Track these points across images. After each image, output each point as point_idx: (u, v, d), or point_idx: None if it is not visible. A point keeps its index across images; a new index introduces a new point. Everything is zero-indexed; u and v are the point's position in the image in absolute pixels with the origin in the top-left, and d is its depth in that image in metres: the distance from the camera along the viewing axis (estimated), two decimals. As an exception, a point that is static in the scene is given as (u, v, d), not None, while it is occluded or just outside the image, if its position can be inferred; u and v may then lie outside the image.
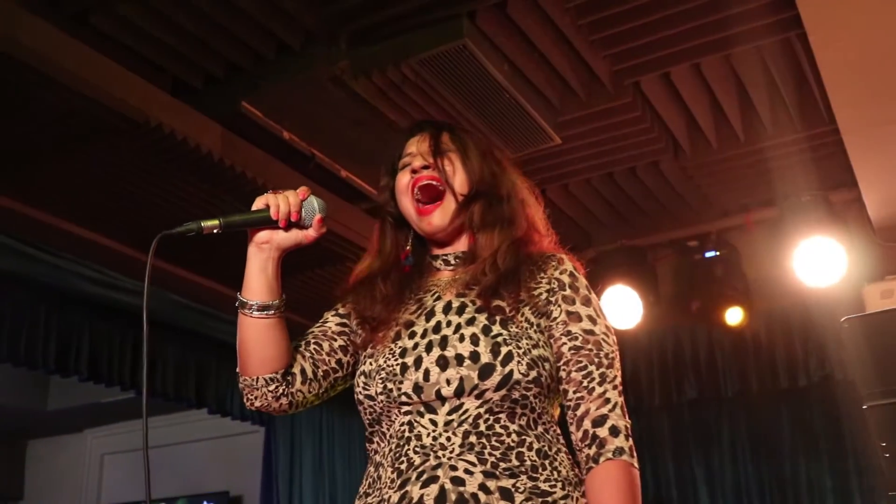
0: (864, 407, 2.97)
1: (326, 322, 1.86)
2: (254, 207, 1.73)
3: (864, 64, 3.23)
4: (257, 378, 1.74)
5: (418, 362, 1.66)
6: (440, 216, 1.79)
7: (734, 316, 5.27)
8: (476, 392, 1.61)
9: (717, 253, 5.27)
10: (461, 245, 1.85)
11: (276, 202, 1.71)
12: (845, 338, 3.07)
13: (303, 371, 1.78)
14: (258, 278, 1.73)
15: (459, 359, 1.63)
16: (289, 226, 1.73)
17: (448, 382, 1.62)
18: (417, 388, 1.64)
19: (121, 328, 5.29)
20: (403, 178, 1.84)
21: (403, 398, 1.64)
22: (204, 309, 5.01)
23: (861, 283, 4.70)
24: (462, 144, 1.85)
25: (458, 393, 1.61)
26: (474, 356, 1.63)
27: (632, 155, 4.50)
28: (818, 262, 4.72)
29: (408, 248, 1.87)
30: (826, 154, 4.44)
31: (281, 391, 1.75)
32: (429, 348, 1.67)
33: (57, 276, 4.55)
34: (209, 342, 5.46)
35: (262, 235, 1.73)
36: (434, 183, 1.80)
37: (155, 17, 3.29)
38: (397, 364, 1.67)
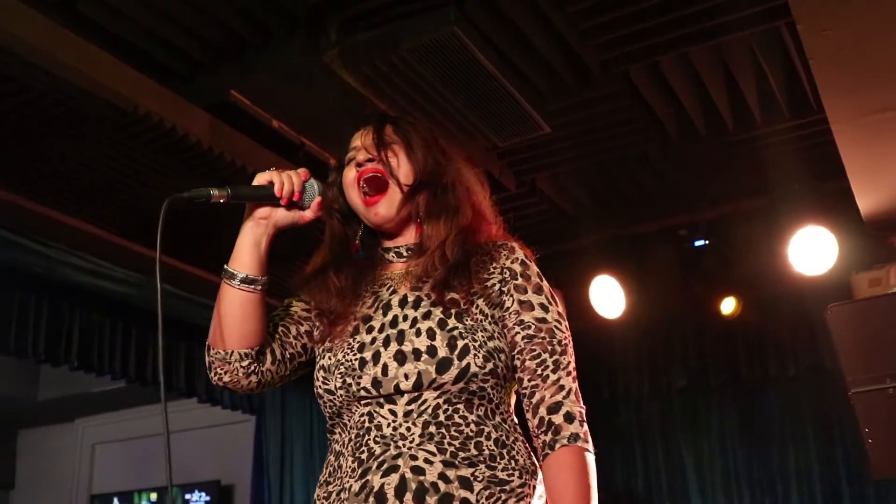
0: (850, 393, 2.99)
1: (291, 307, 1.87)
2: (256, 182, 1.75)
3: (852, 53, 3.22)
4: (232, 352, 1.74)
5: (376, 357, 1.67)
6: (386, 206, 1.80)
7: (728, 306, 5.29)
8: (434, 385, 1.63)
9: (707, 242, 5.28)
10: (410, 236, 1.86)
11: (281, 180, 1.73)
12: (830, 325, 3.08)
13: (272, 351, 1.79)
14: (250, 251, 1.75)
15: (417, 353, 1.65)
16: (289, 205, 1.76)
17: (406, 377, 1.64)
18: (376, 383, 1.65)
19: (112, 317, 5.30)
20: (350, 173, 1.84)
21: (363, 392, 1.66)
22: (193, 298, 5.00)
23: (850, 271, 4.72)
24: (406, 136, 1.85)
25: (417, 387, 1.64)
26: (431, 350, 1.65)
27: (621, 144, 4.49)
28: (808, 251, 4.73)
29: (357, 242, 1.88)
30: (816, 143, 4.44)
31: (252, 369, 1.76)
32: (386, 343, 1.69)
33: (47, 265, 4.55)
34: (199, 331, 5.45)
35: (263, 211, 1.76)
36: (379, 175, 1.80)
37: (142, 5, 3.27)
38: (356, 359, 1.69)
